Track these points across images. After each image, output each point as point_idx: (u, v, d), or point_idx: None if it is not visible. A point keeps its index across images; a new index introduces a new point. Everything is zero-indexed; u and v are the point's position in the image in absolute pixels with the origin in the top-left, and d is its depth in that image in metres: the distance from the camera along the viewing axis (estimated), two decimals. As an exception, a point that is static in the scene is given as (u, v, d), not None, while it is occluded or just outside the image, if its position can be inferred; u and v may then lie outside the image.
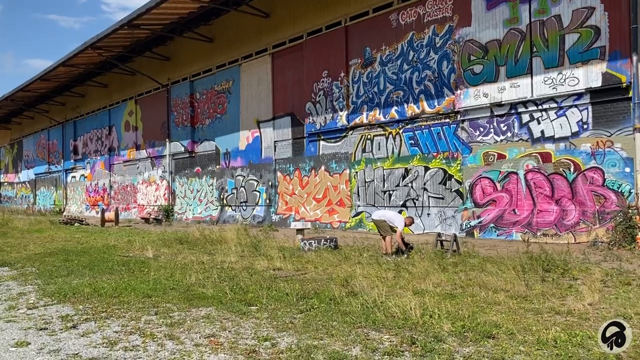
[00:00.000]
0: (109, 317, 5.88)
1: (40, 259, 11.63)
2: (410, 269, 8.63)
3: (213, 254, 11.76)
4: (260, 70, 23.25)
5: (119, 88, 34.38)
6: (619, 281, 7.50)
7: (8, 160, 55.82)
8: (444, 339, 4.83)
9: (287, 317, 5.74)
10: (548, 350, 4.49)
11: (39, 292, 7.55)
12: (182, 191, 28.90)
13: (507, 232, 14.21)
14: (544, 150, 13.66)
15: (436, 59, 16.21)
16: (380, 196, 17.93)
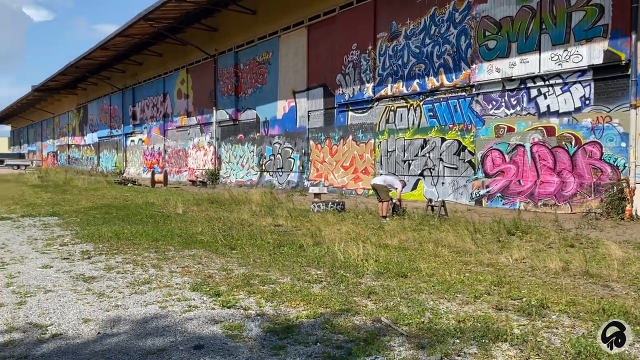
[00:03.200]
0: (117, 253, 7.49)
1: (85, 211, 13.59)
2: (388, 229, 9.80)
3: (232, 212, 13.31)
4: (297, 42, 24.36)
5: (172, 57, 36.40)
6: (565, 244, 8.37)
7: (75, 123, 60.01)
8: (362, 275, 6.06)
9: (254, 257, 7.13)
10: (440, 286, 5.62)
11: (73, 235, 9.32)
12: (227, 156, 30.79)
13: (512, 202, 14.97)
14: (549, 124, 14.21)
15: (455, 34, 16.80)
16: (401, 165, 18.91)
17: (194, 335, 4.08)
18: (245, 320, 4.45)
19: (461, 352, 3.68)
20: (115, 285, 5.62)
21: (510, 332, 4.05)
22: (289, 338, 4.00)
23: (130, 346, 3.83)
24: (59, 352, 3.73)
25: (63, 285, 5.63)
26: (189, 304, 4.91)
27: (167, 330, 4.19)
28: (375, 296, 5.16)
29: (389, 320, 4.38)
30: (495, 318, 4.46)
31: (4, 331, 4.20)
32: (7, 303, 4.97)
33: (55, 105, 65.25)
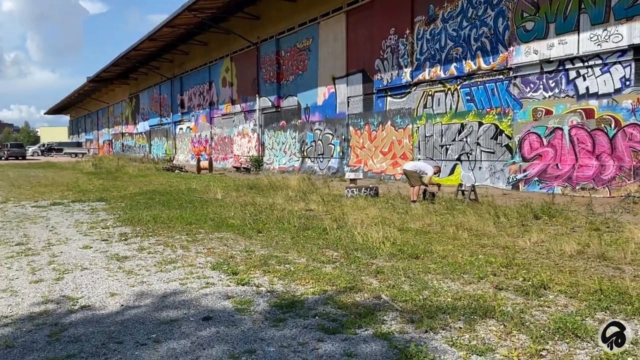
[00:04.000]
0: (152, 235, 8.03)
1: (131, 197, 14.37)
2: (414, 213, 9.97)
3: (268, 197, 13.76)
4: (336, 28, 24.47)
5: (217, 46, 37.21)
6: (590, 228, 8.31)
7: (128, 112, 62.31)
8: (375, 257, 6.32)
9: (277, 240, 7.50)
10: (449, 267, 5.80)
11: (115, 219, 9.98)
12: (270, 143, 31.39)
13: (549, 186, 14.74)
14: (588, 106, 13.86)
15: (492, 16, 16.53)
16: (438, 150, 18.86)
17: (205, 308, 4.48)
18: (256, 296, 4.81)
19: (447, 326, 3.90)
20: (144, 264, 6.12)
21: (500, 309, 4.23)
22: (291, 312, 4.33)
23: (147, 317, 4.27)
24: (84, 321, 4.20)
25: (98, 264, 6.18)
26: (207, 281, 5.32)
27: (183, 304, 4.61)
28: (382, 275, 5.41)
29: (388, 297, 4.64)
30: (492, 297, 4.63)
31: (40, 302, 4.73)
32: (46, 279, 5.54)
33: (109, 95, 67.91)
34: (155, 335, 3.86)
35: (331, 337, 3.75)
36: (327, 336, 3.76)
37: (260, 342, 3.69)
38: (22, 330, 4.05)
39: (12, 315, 4.42)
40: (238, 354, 3.48)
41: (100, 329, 4.00)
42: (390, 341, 3.62)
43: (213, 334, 3.84)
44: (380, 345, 3.57)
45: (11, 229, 9.13)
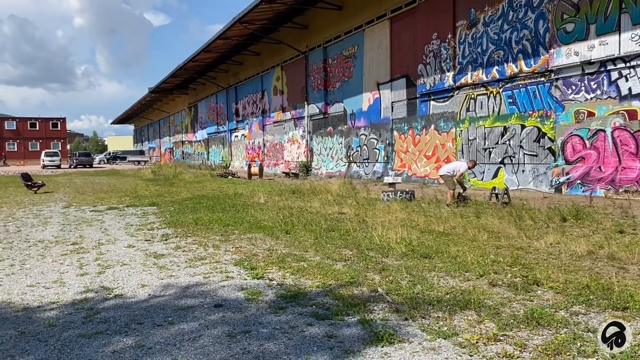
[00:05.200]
0: (190, 236, 8.77)
1: (181, 201, 15.34)
2: (441, 215, 10.24)
3: (307, 201, 14.33)
4: (380, 34, 24.85)
5: (268, 56, 38.38)
6: (616, 230, 8.34)
7: (187, 121, 64.91)
8: (387, 256, 6.72)
9: (301, 240, 8.03)
10: (456, 266, 6.13)
11: (161, 222, 10.84)
12: (318, 149, 32.08)
13: (592, 189, 14.51)
14: (631, 107, 13.60)
15: (533, 18, 16.45)
16: (482, 154, 18.85)
17: (220, 298, 5.06)
18: (266, 288, 5.36)
19: (427, 315, 4.30)
20: (177, 261, 6.81)
21: (482, 302, 4.56)
22: (293, 302, 4.84)
23: (168, 304, 4.90)
24: (115, 307, 4.89)
25: (137, 260, 6.93)
26: (227, 275, 5.93)
27: (201, 294, 5.22)
28: (385, 272, 5.83)
29: (384, 290, 5.06)
30: (483, 292, 4.96)
31: (82, 292, 5.48)
32: (90, 272, 6.32)
33: (170, 105, 70.98)
34: (171, 318, 4.48)
35: (320, 322, 4.23)
36: (316, 321, 4.25)
37: (258, 325, 4.22)
38: (64, 313, 4.78)
39: (59, 302, 5.17)
40: (235, 333, 4.03)
41: (127, 313, 4.66)
42: (370, 326, 4.06)
43: (219, 318, 4.41)
44: (360, 329, 4.02)
45: (69, 230, 10.15)
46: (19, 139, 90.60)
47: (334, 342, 3.80)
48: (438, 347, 3.65)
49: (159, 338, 3.99)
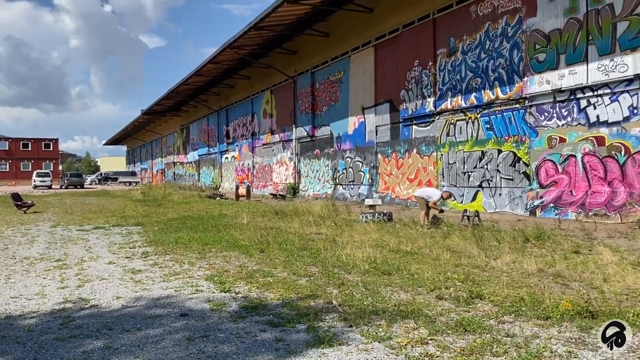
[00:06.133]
0: (168, 254, 9.20)
1: (166, 222, 15.75)
2: (411, 236, 10.72)
3: (288, 222, 14.78)
4: (365, 61, 25.64)
5: (259, 80, 39.17)
6: (572, 251, 8.84)
7: (179, 143, 65.48)
8: (350, 272, 7.18)
9: (274, 258, 8.48)
10: (411, 282, 6.59)
11: (144, 240, 11.26)
12: (305, 171, 32.62)
13: (564, 212, 15.07)
14: (599, 134, 14.25)
15: (508, 48, 17.21)
16: (461, 177, 19.43)
17: (187, 308, 5.50)
18: (231, 300, 5.80)
19: (370, 323, 4.75)
20: (152, 276, 7.24)
21: (423, 312, 5.03)
22: (253, 312, 5.28)
23: (138, 313, 5.33)
24: (90, 315, 5.31)
25: (115, 276, 7.36)
26: (197, 289, 6.36)
27: (170, 304, 5.65)
28: (344, 287, 6.28)
29: (337, 302, 5.51)
30: (428, 304, 5.43)
31: (61, 302, 5.90)
32: (70, 286, 6.74)
33: (162, 127, 71.58)
34: (140, 325, 4.91)
35: (273, 329, 4.68)
36: (270, 328, 4.70)
37: (217, 331, 4.66)
38: (43, 320, 5.20)
39: (39, 311, 5.59)
40: (195, 337, 4.48)
41: (100, 321, 5.09)
42: (316, 332, 4.51)
43: (183, 325, 4.85)
44: (307, 335, 4.47)
45: (55, 248, 10.54)
46: (11, 159, 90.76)
47: (281, 345, 4.25)
48: (371, 348, 4.11)
49: (125, 341, 4.42)
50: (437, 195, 13.29)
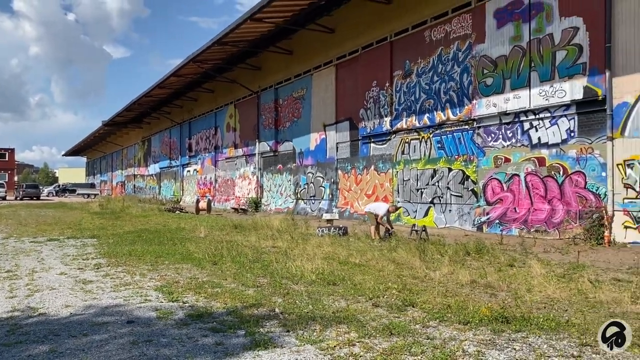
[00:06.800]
0: (121, 265, 9.36)
1: (122, 235, 15.77)
2: (361, 249, 11.17)
3: (245, 236, 15.04)
4: (327, 79, 26.28)
5: (222, 94, 39.39)
6: (507, 264, 9.44)
7: (140, 155, 64.72)
8: (297, 283, 7.54)
9: (225, 269, 8.76)
10: (353, 291, 7.00)
11: (98, 252, 11.35)
12: (268, 185, 32.90)
13: (508, 228, 15.85)
14: (540, 155, 15.13)
15: (458, 72, 18.07)
16: (415, 194, 20.11)
17: (134, 316, 5.75)
18: (178, 309, 6.07)
19: (306, 328, 5.12)
20: (103, 286, 7.42)
21: (356, 318, 5.43)
22: (198, 320, 5.58)
23: (85, 321, 5.55)
24: (37, 323, 5.50)
25: (65, 286, 7.51)
26: (146, 298, 6.60)
27: (118, 313, 5.89)
28: (288, 296, 6.64)
29: (280, 310, 5.87)
30: (363, 310, 5.84)
31: (9, 311, 6.05)
32: (19, 295, 6.87)
33: (123, 138, 70.62)
34: (86, 331, 5.14)
35: (214, 334, 4.99)
36: (211, 334, 5.01)
37: (160, 336, 4.95)
38: (-10, 328, 5.36)
39: (-14, 320, 5.73)
40: (139, 342, 4.75)
41: (47, 327, 5.29)
42: (254, 336, 4.85)
43: (128, 331, 5.11)
44: (245, 339, 4.80)
45: (6, 260, 10.52)
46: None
47: (220, 348, 4.57)
48: (302, 350, 4.48)
49: (70, 346, 4.66)
50: (384, 210, 13.85)
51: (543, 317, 5.35)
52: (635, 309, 5.96)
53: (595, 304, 6.25)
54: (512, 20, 15.85)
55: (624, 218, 12.81)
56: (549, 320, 5.28)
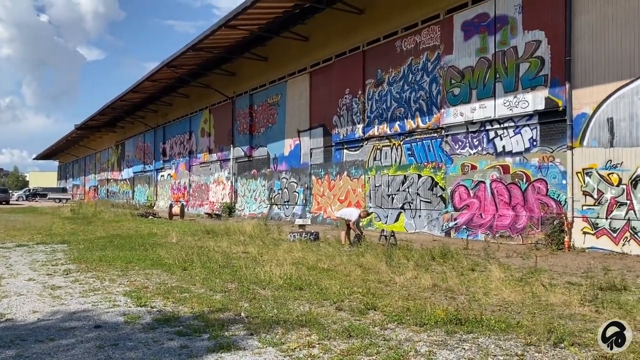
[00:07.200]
0: (91, 271, 9.43)
1: (93, 240, 15.72)
2: (330, 254, 11.42)
3: (217, 241, 15.14)
4: (301, 86, 26.55)
5: (197, 99, 39.33)
6: (469, 268, 9.80)
7: (114, 159, 63.97)
8: (265, 288, 7.74)
9: (194, 275, 8.91)
10: (319, 296, 7.22)
11: (67, 258, 11.36)
12: (242, 191, 32.97)
13: (475, 233, 16.30)
14: (505, 163, 15.63)
15: (428, 81, 18.53)
16: (386, 199, 20.48)
17: (101, 321, 5.87)
18: (146, 314, 6.22)
19: (269, 331, 5.34)
20: (72, 292, 7.51)
21: (318, 321, 5.67)
22: (165, 324, 5.74)
23: (53, 326, 5.66)
24: (4, 328, 5.59)
25: (34, 292, 7.56)
26: (114, 303, 6.72)
27: (86, 318, 6.01)
28: (255, 301, 6.84)
29: (245, 314, 6.06)
30: (327, 314, 6.07)
31: (-23, 316, 6.11)
32: (-13, 301, 6.92)
33: (97, 142, 69.70)
34: (53, 336, 5.26)
35: (180, 337, 5.17)
36: (177, 337, 5.19)
37: (127, 340, 5.10)
38: (-43, 334, 5.43)
39: (-47, 326, 5.79)
40: (105, 345, 4.90)
41: (15, 333, 5.39)
42: (218, 339, 5.05)
43: (95, 336, 5.25)
44: (210, 342, 4.99)
45: (-27, 265, 10.45)
46: None
47: (184, 351, 4.75)
48: (264, 352, 4.69)
49: (37, 350, 4.79)
50: (356, 216, 14.14)
51: (495, 319, 5.67)
52: (582, 310, 6.33)
53: (547, 307, 6.60)
54: (478, 33, 16.37)
55: (582, 224, 13.35)
56: (500, 322, 5.59)
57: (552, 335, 5.07)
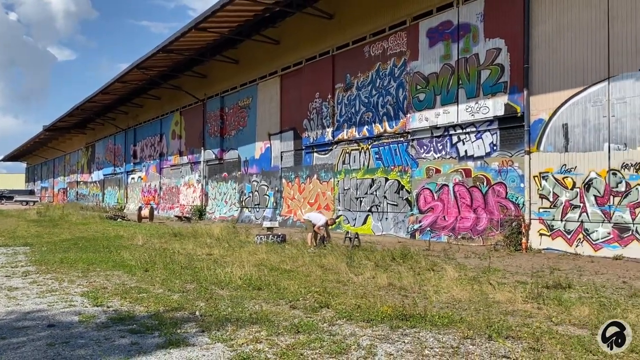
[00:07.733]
0: (50, 273, 9.42)
1: (57, 242, 15.58)
2: (295, 255, 11.60)
3: (183, 244, 15.17)
4: (272, 89, 26.71)
5: (168, 101, 39.11)
6: (427, 268, 10.08)
7: (84, 161, 63.00)
8: (224, 288, 7.88)
9: (155, 276, 8.99)
10: (276, 295, 7.39)
11: (28, 260, 11.29)
12: (213, 194, 32.91)
13: (438, 235, 16.68)
14: (467, 166, 16.05)
15: (395, 87, 18.90)
16: (354, 202, 20.76)
17: (56, 320, 5.94)
18: (101, 313, 6.30)
19: (221, 328, 5.49)
20: (29, 293, 7.53)
21: (269, 319, 5.84)
22: (120, 323, 5.84)
23: (5, 325, 5.71)
24: (-43, 328, 5.63)
25: (-10, 292, 7.56)
26: (70, 303, 6.79)
27: (40, 317, 6.07)
28: (211, 300, 6.98)
29: (200, 313, 6.20)
30: (280, 312, 6.25)
31: None
32: (-59, 302, 6.90)
33: (66, 144, 68.52)
34: (5, 335, 5.32)
35: (132, 335, 5.29)
36: (129, 335, 5.30)
37: (78, 338, 5.20)
38: None
39: None
40: (56, 343, 4.99)
41: (-34, 332, 5.43)
42: (169, 336, 5.18)
43: (47, 334, 5.33)
44: (160, 339, 5.13)
45: None
46: None
47: (134, 347, 4.88)
48: (212, 347, 4.85)
49: (-13, 348, 4.85)
50: (323, 221, 14.34)
51: (438, 315, 5.93)
52: (523, 307, 6.65)
53: (492, 304, 6.90)
54: (442, 40, 16.80)
55: (539, 226, 13.82)
56: (443, 317, 5.86)
57: (489, 329, 5.34)
